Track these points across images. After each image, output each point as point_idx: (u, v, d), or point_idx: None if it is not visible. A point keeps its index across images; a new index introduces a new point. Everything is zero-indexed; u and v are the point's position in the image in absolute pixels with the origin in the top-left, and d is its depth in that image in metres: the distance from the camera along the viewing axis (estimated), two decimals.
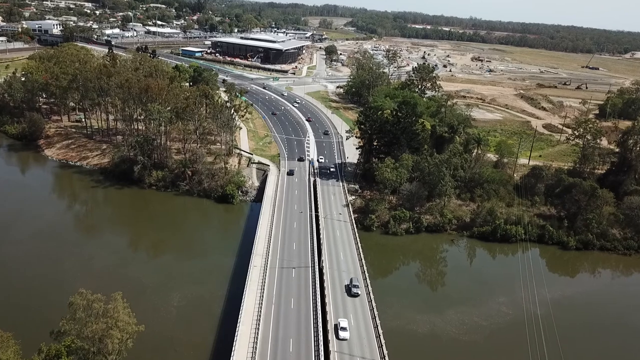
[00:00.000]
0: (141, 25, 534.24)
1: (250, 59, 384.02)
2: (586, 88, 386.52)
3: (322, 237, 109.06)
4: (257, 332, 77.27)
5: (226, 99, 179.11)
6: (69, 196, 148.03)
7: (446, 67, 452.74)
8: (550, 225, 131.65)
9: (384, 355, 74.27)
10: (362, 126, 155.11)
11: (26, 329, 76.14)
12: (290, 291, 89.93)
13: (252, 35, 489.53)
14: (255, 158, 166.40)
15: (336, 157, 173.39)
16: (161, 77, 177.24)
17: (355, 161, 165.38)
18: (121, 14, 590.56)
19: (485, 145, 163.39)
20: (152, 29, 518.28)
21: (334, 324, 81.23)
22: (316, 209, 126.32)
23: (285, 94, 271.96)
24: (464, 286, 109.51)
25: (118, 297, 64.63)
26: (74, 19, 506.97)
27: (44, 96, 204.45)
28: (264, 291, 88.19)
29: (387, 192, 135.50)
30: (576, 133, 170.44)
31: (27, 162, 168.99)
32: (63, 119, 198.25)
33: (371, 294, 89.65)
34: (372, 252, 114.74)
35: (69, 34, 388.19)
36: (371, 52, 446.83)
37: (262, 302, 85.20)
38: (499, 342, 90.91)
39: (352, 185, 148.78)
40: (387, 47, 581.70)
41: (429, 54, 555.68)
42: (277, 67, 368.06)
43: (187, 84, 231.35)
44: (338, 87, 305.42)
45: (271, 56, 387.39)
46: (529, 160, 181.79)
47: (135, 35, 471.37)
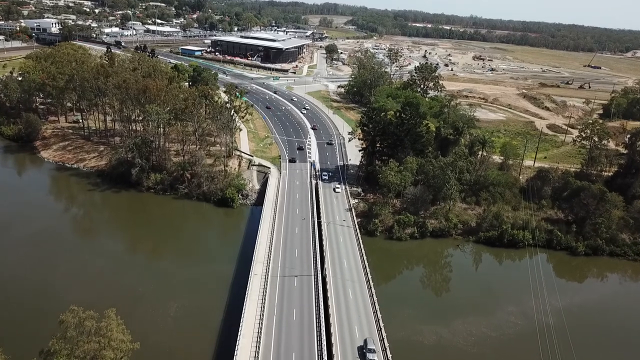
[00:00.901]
0: (140, 23, 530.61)
1: (250, 58, 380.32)
2: (589, 87, 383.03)
3: (324, 244, 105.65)
4: (259, 345, 74.10)
5: (226, 99, 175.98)
6: (64, 200, 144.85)
7: (447, 66, 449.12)
8: (558, 230, 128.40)
9: None
10: (365, 128, 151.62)
11: (16, 342, 72.99)
12: (293, 302, 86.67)
13: (252, 34, 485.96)
14: (255, 160, 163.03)
15: (338, 159, 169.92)
16: (160, 77, 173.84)
17: (358, 163, 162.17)
18: (120, 12, 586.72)
19: (490, 147, 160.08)
20: (152, 27, 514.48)
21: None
22: (318, 213, 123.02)
23: (295, 99, 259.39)
24: (470, 294, 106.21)
25: (111, 314, 61.38)
26: (73, 17, 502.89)
27: (41, 96, 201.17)
28: (265, 302, 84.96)
29: (391, 196, 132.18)
30: (583, 134, 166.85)
31: (23, 165, 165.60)
32: (60, 119, 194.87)
33: (376, 304, 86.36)
34: (376, 258, 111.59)
35: (67, 32, 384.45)
36: (372, 51, 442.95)
37: (263, 314, 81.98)
38: (508, 355, 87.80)
39: (355, 188, 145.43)
40: (388, 45, 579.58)
41: (430, 53, 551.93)
42: (278, 66, 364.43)
43: (187, 84, 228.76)
44: (339, 86, 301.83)
45: (271, 55, 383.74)
46: (534, 161, 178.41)
47: (134, 33, 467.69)
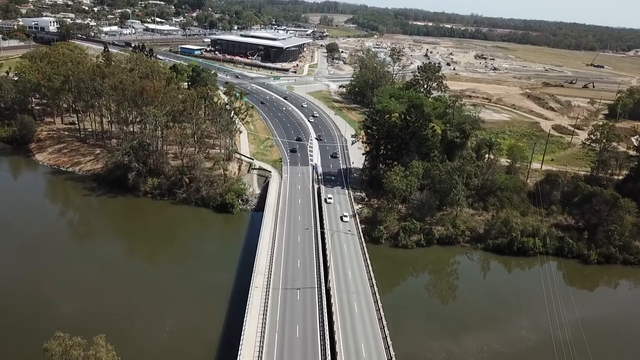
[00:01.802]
0: (140, 22, 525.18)
1: (250, 57, 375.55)
2: (593, 87, 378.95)
3: (328, 255, 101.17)
4: None
5: (226, 100, 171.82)
6: (58, 205, 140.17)
7: (449, 65, 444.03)
8: (570, 237, 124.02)
9: None
10: (369, 130, 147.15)
11: None
12: (295, 317, 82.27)
13: (252, 33, 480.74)
14: (256, 163, 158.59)
15: (341, 163, 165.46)
16: (157, 78, 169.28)
17: (361, 166, 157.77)
18: (119, 10, 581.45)
19: (497, 150, 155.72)
20: (151, 26, 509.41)
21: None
22: (321, 222, 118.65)
23: (305, 105, 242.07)
24: (480, 306, 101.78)
25: (100, 341, 56.95)
26: (72, 15, 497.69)
27: (37, 96, 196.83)
28: (266, 317, 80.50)
29: (397, 202, 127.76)
30: (592, 137, 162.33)
31: (16, 168, 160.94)
32: (56, 120, 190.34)
33: (383, 319, 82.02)
34: (381, 267, 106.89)
35: (66, 31, 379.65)
36: (373, 50, 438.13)
37: (264, 330, 77.62)
38: None
39: (359, 193, 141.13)
40: (389, 44, 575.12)
41: (431, 52, 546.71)
42: (278, 65, 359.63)
43: (186, 84, 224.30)
44: (340, 86, 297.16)
45: (272, 54, 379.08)
46: (542, 164, 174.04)
47: (133, 32, 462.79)
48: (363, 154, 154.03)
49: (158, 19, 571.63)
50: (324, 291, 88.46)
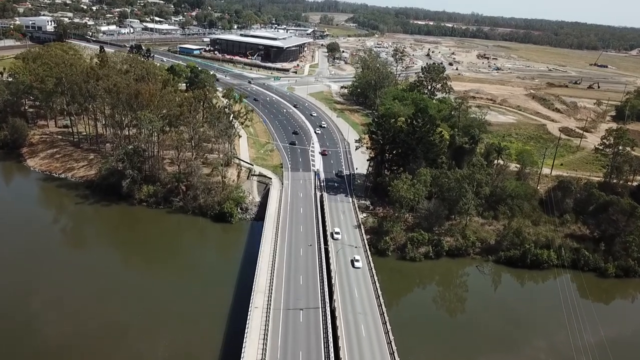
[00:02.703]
0: (138, 21, 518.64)
1: (250, 57, 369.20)
2: (598, 87, 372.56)
3: (332, 272, 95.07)
4: None
5: (225, 102, 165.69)
6: (48, 214, 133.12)
7: (452, 65, 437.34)
8: (585, 249, 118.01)
9: None
10: (374, 136, 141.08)
11: None
12: (298, 342, 76.26)
13: (252, 32, 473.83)
14: (255, 169, 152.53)
15: (344, 168, 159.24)
16: (153, 80, 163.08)
17: (365, 172, 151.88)
18: (118, 10, 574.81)
19: (507, 155, 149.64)
20: (150, 25, 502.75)
21: None
22: (324, 231, 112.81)
23: (314, 114, 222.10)
24: (493, 325, 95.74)
25: None
26: (70, 15, 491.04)
27: (31, 98, 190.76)
28: (266, 343, 74.53)
29: (404, 212, 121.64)
30: (605, 141, 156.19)
31: (6, 174, 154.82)
32: (50, 124, 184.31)
33: (393, 344, 76.06)
34: (388, 282, 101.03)
35: (62, 31, 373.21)
36: (375, 50, 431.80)
37: (264, 358, 71.66)
38: None
39: (363, 201, 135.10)
40: (391, 44, 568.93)
41: (433, 52, 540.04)
42: (278, 65, 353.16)
43: (184, 85, 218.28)
44: (342, 87, 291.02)
45: (272, 54, 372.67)
46: (552, 169, 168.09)
47: (131, 32, 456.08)
48: (367, 159, 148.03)
49: (157, 18, 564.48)
50: (328, 312, 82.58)
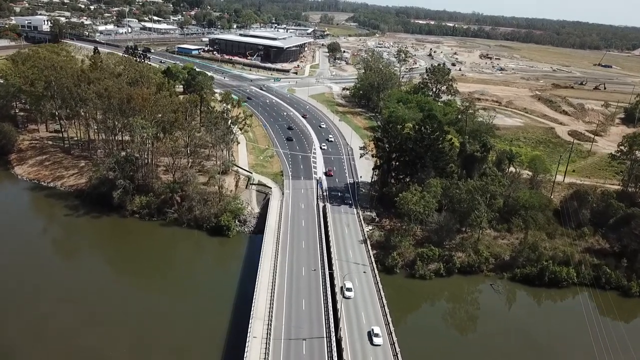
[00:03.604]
0: (137, 21, 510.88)
1: (249, 58, 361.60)
2: (604, 88, 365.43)
3: (338, 297, 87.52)
4: None
5: (223, 107, 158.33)
6: (35, 227, 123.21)
7: (455, 65, 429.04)
8: (606, 266, 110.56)
9: None
10: (380, 143, 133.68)
11: None
12: None
13: (251, 32, 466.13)
14: (255, 178, 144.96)
15: (347, 177, 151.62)
16: (147, 84, 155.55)
17: (369, 180, 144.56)
18: (116, 9, 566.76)
19: (519, 162, 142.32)
20: (148, 25, 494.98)
21: None
22: (327, 246, 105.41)
23: (324, 125, 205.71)
24: (513, 354, 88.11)
25: None
26: (67, 14, 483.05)
27: (22, 101, 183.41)
28: None
29: (413, 226, 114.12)
30: (622, 148, 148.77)
31: None
32: (40, 128, 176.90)
33: None
34: (397, 302, 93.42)
35: (58, 30, 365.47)
36: (377, 50, 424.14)
37: None
38: None
39: (368, 213, 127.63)
40: (392, 43, 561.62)
41: (435, 52, 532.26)
42: (278, 65, 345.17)
43: (181, 86, 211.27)
44: (344, 88, 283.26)
45: (272, 54, 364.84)
46: (564, 176, 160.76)
47: (129, 31, 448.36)
48: (373, 168, 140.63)
49: (155, 18, 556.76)
50: (334, 343, 75.10)
